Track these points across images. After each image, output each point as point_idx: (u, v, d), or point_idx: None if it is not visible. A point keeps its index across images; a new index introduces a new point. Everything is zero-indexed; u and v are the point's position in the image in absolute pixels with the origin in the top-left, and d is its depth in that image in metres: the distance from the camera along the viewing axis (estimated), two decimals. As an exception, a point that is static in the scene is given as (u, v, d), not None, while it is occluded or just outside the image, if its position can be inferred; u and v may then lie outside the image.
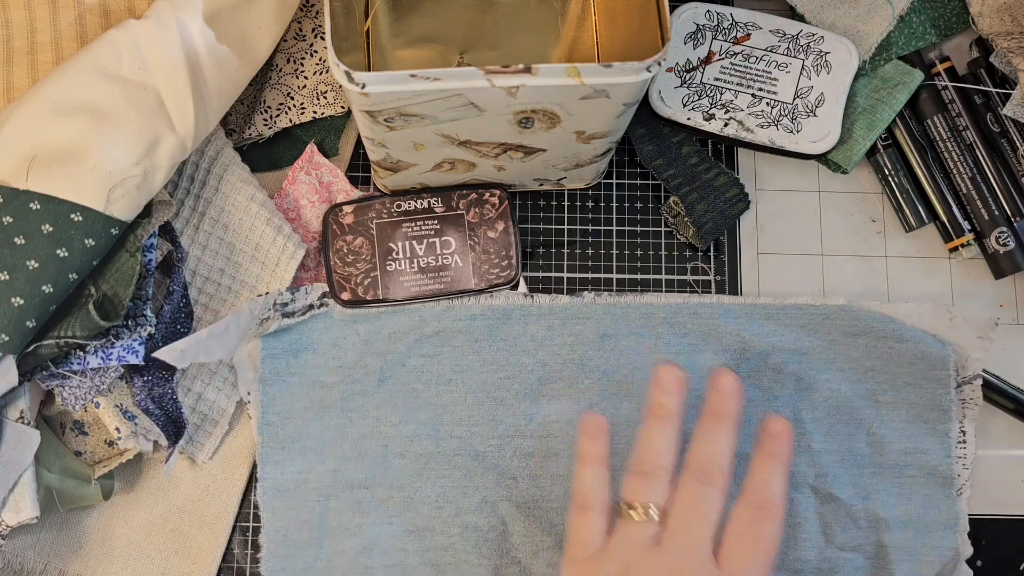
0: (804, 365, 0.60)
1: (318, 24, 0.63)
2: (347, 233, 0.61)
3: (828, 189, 0.65)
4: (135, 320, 0.54)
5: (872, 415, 0.59)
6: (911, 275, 0.63)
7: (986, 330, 0.59)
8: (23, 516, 0.52)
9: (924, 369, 0.60)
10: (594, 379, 0.60)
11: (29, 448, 0.53)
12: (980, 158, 0.62)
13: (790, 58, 0.62)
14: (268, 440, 0.59)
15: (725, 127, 0.61)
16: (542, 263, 0.63)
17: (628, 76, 0.47)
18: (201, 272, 0.59)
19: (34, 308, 0.50)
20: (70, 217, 0.50)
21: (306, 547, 0.58)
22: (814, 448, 0.59)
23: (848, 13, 0.63)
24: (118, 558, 0.58)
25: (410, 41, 0.60)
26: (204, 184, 0.60)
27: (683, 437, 0.48)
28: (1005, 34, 0.61)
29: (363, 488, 0.58)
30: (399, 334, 0.60)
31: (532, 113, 0.50)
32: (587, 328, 0.60)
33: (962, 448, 0.59)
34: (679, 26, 0.63)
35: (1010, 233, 0.61)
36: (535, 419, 0.59)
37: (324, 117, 0.62)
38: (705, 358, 0.60)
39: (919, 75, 0.63)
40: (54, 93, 0.51)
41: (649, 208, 0.64)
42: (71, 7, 0.57)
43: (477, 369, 0.60)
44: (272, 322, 0.59)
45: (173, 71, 0.52)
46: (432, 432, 0.59)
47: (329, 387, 0.59)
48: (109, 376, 0.54)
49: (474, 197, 0.61)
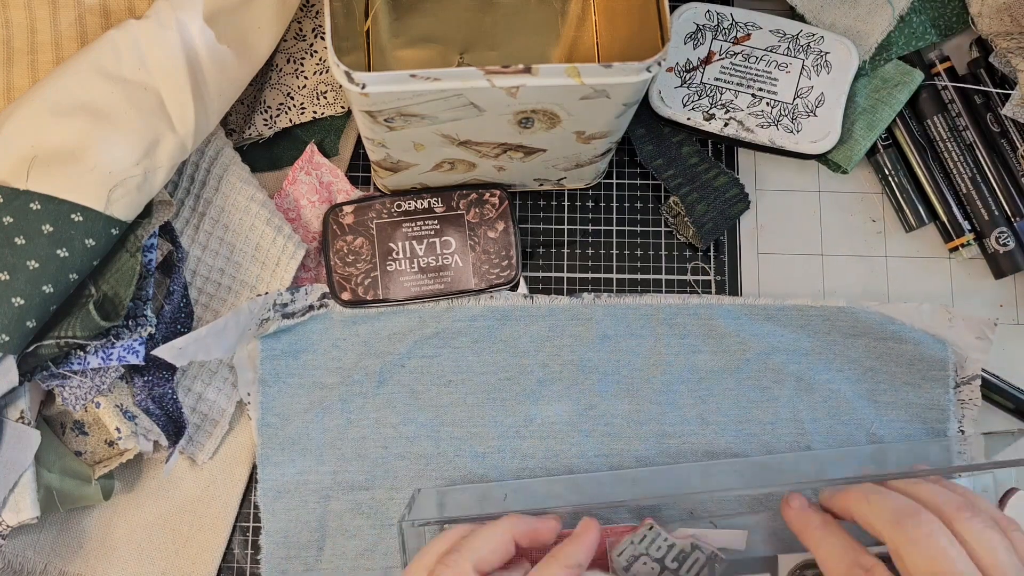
0: (804, 366, 0.60)
1: (318, 24, 0.63)
2: (347, 233, 0.61)
3: (828, 189, 0.65)
4: (135, 320, 0.54)
5: (872, 415, 0.59)
6: (911, 275, 0.63)
7: (985, 330, 0.59)
8: (23, 516, 0.52)
9: (923, 369, 0.60)
10: (594, 380, 0.60)
11: (29, 448, 0.53)
12: (980, 158, 0.62)
13: (790, 58, 0.62)
14: (268, 441, 0.59)
15: (725, 127, 0.61)
16: (542, 263, 0.63)
17: (628, 76, 0.47)
18: (201, 272, 0.59)
19: (34, 308, 0.50)
20: (70, 217, 0.50)
21: (306, 548, 0.58)
22: (814, 448, 0.59)
23: (848, 13, 0.63)
24: (118, 558, 0.58)
25: (410, 41, 0.60)
26: (204, 184, 0.60)
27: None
28: (1005, 34, 0.61)
29: (363, 489, 0.58)
30: (399, 335, 0.60)
31: (532, 113, 0.50)
32: (587, 329, 0.60)
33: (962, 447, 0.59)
34: (679, 26, 0.63)
35: (1010, 233, 0.61)
36: (535, 420, 0.59)
37: (324, 117, 0.62)
38: (704, 359, 0.60)
39: (919, 75, 0.63)
40: (54, 93, 0.51)
41: (649, 208, 0.64)
42: (71, 7, 0.57)
43: (477, 370, 0.60)
44: (272, 323, 0.59)
45: (173, 71, 0.52)
46: (432, 433, 0.59)
47: (329, 388, 0.59)
48: (109, 376, 0.54)
49: (474, 197, 0.61)
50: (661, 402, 0.59)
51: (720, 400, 0.60)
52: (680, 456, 0.59)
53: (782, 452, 0.59)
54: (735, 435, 0.59)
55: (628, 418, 0.59)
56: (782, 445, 0.59)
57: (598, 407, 0.59)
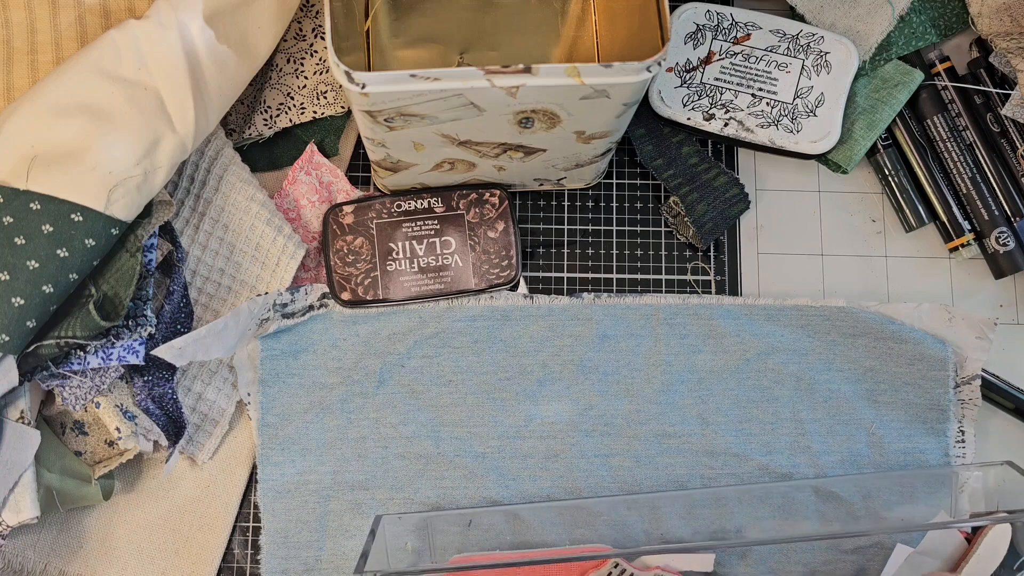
0: (804, 366, 0.60)
1: (318, 24, 0.63)
2: (347, 233, 0.61)
3: (828, 189, 0.65)
4: (135, 320, 0.54)
5: (872, 415, 0.59)
6: (911, 275, 0.63)
7: (985, 330, 0.59)
8: (23, 516, 0.52)
9: (923, 369, 0.60)
10: (593, 380, 0.60)
11: (29, 448, 0.53)
12: (980, 158, 0.62)
13: (790, 58, 0.62)
14: (268, 441, 0.59)
15: (725, 127, 0.61)
16: (542, 263, 0.63)
17: (628, 76, 0.47)
18: (201, 272, 0.59)
19: (34, 308, 0.50)
20: (70, 217, 0.50)
21: (306, 548, 0.58)
22: (814, 448, 0.59)
23: (848, 13, 0.63)
24: (118, 558, 0.58)
25: (410, 41, 0.60)
26: (204, 184, 0.60)
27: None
28: (1004, 34, 0.61)
29: (363, 489, 0.58)
30: (399, 335, 0.60)
31: (532, 113, 0.50)
32: (587, 329, 0.60)
33: (961, 448, 0.59)
34: (679, 26, 0.63)
35: (1010, 233, 0.61)
36: (535, 420, 0.59)
37: (324, 117, 0.62)
38: (704, 359, 0.60)
39: (919, 75, 0.63)
40: (54, 93, 0.51)
41: (649, 208, 0.64)
42: (71, 7, 0.57)
43: (477, 370, 0.60)
44: (272, 323, 0.59)
45: (173, 71, 0.52)
46: (432, 433, 0.59)
47: (329, 388, 0.59)
48: (109, 376, 0.54)
49: (474, 197, 0.61)
50: (661, 402, 0.59)
51: (720, 400, 0.60)
52: (680, 456, 0.59)
53: (781, 452, 0.59)
54: (735, 435, 0.59)
55: (628, 418, 0.59)
56: (782, 445, 0.59)
57: (598, 407, 0.59)
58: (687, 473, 0.59)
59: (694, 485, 0.59)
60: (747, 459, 0.59)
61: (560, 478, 0.59)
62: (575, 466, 0.59)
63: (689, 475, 0.59)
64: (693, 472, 0.59)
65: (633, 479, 0.59)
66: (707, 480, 0.59)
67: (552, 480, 0.59)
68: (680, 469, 0.59)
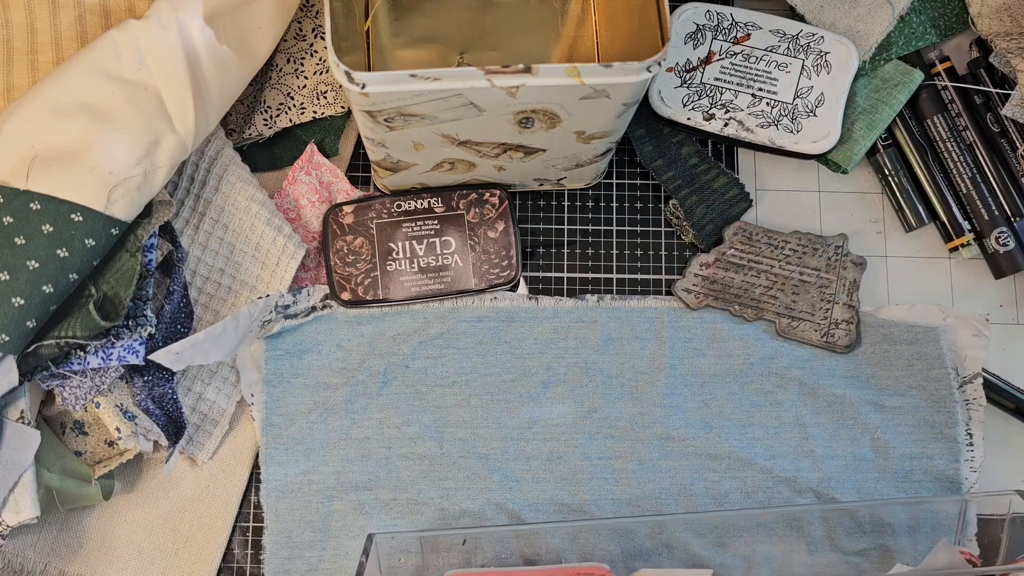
0: (807, 370, 0.60)
1: (318, 24, 0.63)
2: (347, 233, 0.61)
3: (828, 189, 0.65)
4: (135, 320, 0.54)
5: (876, 420, 0.59)
6: (911, 275, 0.63)
7: (979, 327, 0.59)
8: (23, 516, 0.52)
9: (923, 369, 0.60)
10: (598, 382, 0.60)
11: (29, 448, 0.53)
12: (980, 158, 0.62)
13: (790, 58, 0.62)
14: (272, 441, 0.59)
15: (725, 127, 0.61)
16: (542, 263, 0.63)
17: (628, 76, 0.47)
18: (201, 272, 0.59)
19: (34, 308, 0.50)
20: (70, 217, 0.50)
21: (309, 548, 0.58)
22: (817, 453, 0.59)
23: (848, 13, 0.63)
24: (118, 558, 0.58)
25: (410, 41, 0.60)
26: (204, 184, 0.60)
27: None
28: (1004, 35, 0.61)
29: (366, 490, 0.58)
30: (403, 336, 0.60)
31: (532, 113, 0.50)
32: (591, 332, 0.60)
33: (970, 451, 0.59)
34: (679, 26, 0.63)
35: (1010, 233, 0.61)
36: (539, 422, 0.59)
37: (324, 117, 0.62)
38: (708, 362, 0.60)
39: (919, 75, 0.63)
40: (54, 93, 0.51)
41: (649, 208, 0.64)
42: (71, 7, 0.57)
43: (481, 371, 0.60)
44: (275, 324, 0.59)
45: (173, 71, 0.52)
46: (436, 434, 0.59)
47: (333, 388, 0.59)
48: (109, 376, 0.54)
49: (474, 197, 0.61)
50: (665, 405, 0.59)
51: (724, 404, 0.60)
52: (683, 459, 0.59)
53: (785, 455, 0.59)
54: (739, 439, 0.59)
55: (632, 421, 0.59)
56: (785, 449, 0.59)
57: (602, 409, 0.59)
58: (690, 476, 0.59)
59: (697, 488, 0.59)
60: (750, 463, 0.59)
61: (563, 480, 0.59)
62: (578, 468, 0.59)
63: (692, 478, 0.59)
64: (696, 475, 0.59)
65: (636, 482, 0.59)
66: (710, 484, 0.58)
67: (555, 482, 0.58)
68: (683, 472, 0.59)
